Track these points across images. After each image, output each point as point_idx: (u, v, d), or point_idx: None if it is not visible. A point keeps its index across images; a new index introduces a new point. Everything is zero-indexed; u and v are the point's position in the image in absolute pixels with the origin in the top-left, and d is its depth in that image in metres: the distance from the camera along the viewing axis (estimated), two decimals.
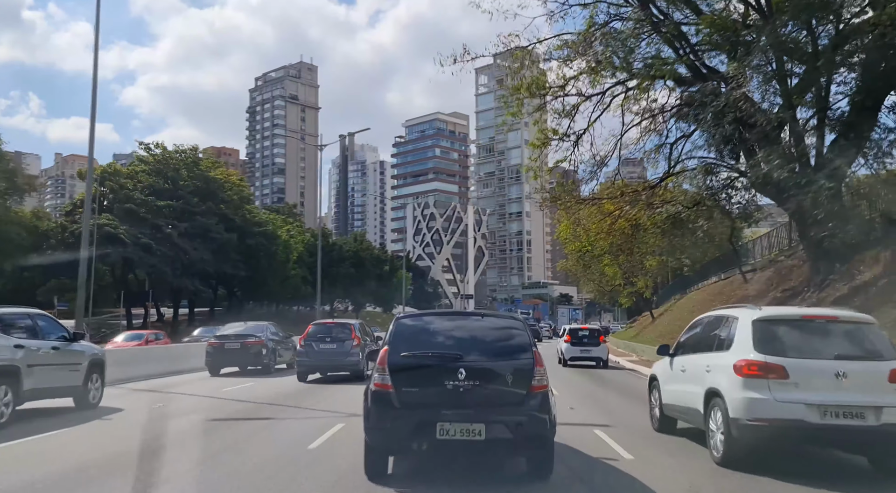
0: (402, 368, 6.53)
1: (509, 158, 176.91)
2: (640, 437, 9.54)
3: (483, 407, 6.38)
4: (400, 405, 6.40)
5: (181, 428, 10.14)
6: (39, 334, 11.12)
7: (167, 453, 8.14)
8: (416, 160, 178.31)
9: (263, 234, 61.46)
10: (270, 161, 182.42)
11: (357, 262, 79.17)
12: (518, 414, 6.39)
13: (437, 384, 6.43)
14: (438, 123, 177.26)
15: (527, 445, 6.57)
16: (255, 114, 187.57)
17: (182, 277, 55.81)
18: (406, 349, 6.67)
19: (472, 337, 6.90)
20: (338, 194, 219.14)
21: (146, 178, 55.89)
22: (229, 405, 13.19)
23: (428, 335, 7.00)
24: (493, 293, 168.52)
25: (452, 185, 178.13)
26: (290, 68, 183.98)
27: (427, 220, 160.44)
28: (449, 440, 6.25)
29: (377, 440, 6.61)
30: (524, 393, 6.46)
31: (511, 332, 7.07)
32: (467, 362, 6.48)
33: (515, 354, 6.76)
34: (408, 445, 6.50)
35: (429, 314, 7.80)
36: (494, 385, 6.55)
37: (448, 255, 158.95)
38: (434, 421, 6.27)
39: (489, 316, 7.62)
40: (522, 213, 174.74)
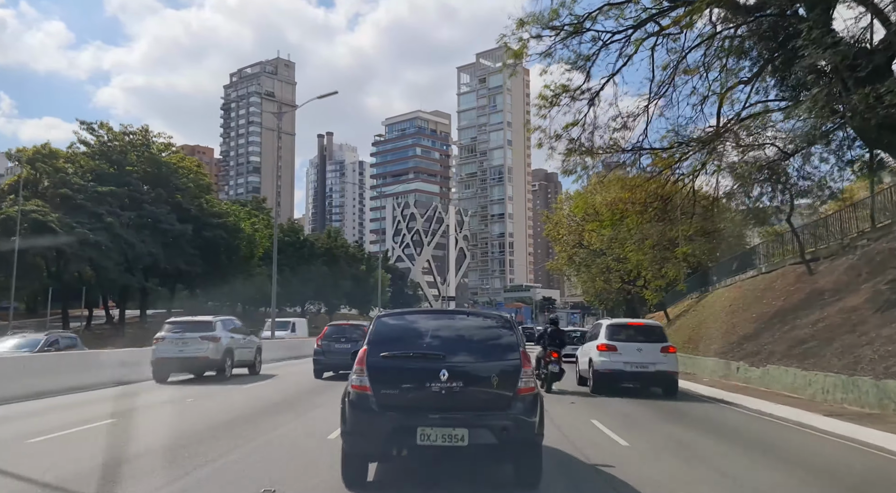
0: (381, 368, 6.16)
1: (491, 159, 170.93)
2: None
3: (466, 411, 6.00)
4: (378, 409, 6.03)
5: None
6: (237, 330, 19.99)
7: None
8: (397, 160, 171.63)
9: (224, 226, 54.48)
10: (246, 160, 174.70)
11: (330, 260, 72.34)
12: (503, 418, 5.99)
13: (419, 386, 6.04)
14: (419, 122, 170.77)
15: (513, 451, 6.21)
16: (229, 111, 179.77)
17: (127, 273, 48.70)
18: (386, 349, 6.28)
19: (456, 337, 6.47)
20: (315, 195, 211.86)
21: (87, 161, 48.77)
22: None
23: (410, 334, 6.53)
24: (475, 296, 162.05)
25: (434, 185, 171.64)
26: (267, 64, 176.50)
27: (407, 220, 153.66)
28: (430, 445, 5.85)
29: (354, 446, 6.25)
30: (510, 396, 6.07)
31: (497, 331, 6.62)
32: (450, 363, 6.08)
33: (502, 354, 6.34)
34: (387, 451, 6.14)
35: (411, 312, 7.22)
36: (479, 387, 6.14)
37: (429, 256, 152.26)
38: (414, 426, 5.88)
39: (475, 315, 7.42)
40: (505, 214, 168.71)
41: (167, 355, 17.58)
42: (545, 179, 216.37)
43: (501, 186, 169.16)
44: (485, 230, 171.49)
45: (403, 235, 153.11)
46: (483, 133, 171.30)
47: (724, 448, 9.32)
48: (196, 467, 7.15)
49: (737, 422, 12.11)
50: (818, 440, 10.14)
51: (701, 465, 8.01)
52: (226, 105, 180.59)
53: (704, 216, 27.07)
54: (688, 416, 12.72)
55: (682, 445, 9.46)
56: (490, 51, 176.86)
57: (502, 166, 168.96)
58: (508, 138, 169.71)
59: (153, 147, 52.26)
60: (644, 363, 15.66)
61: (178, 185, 51.77)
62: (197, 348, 17.73)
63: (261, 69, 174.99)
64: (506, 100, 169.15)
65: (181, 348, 17.68)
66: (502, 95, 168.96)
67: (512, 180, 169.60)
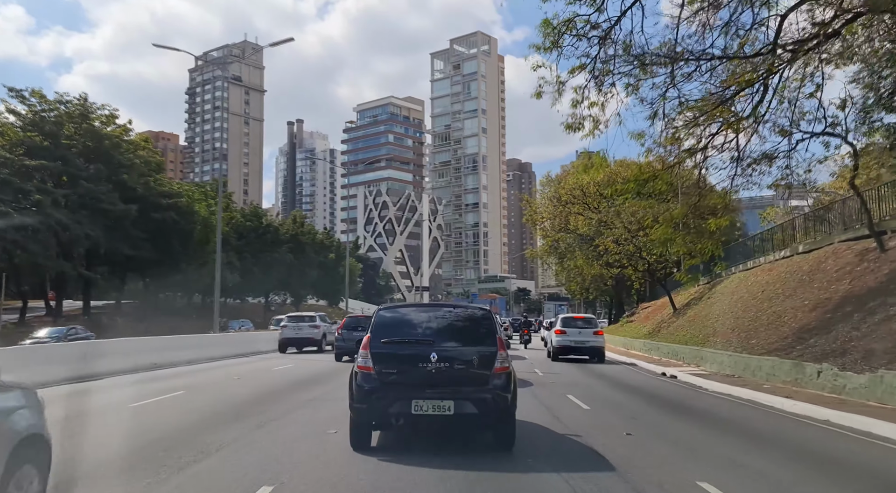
0: (382, 352, 7.36)
1: (465, 147, 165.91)
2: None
3: (452, 386, 7.15)
4: (380, 385, 7.23)
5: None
6: (325, 320, 30.29)
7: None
8: (368, 147, 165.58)
9: (175, 208, 48.61)
10: (212, 146, 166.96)
11: (296, 247, 66.63)
12: (483, 392, 7.17)
13: (413, 367, 7.21)
14: (392, 108, 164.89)
15: (490, 419, 7.34)
16: (194, 96, 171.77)
17: (62, 258, 42.76)
18: (386, 336, 7.49)
19: (443, 326, 7.75)
20: (285, 184, 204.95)
21: (16, 133, 42.61)
22: None
23: (405, 324, 7.76)
24: (449, 287, 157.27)
25: (406, 173, 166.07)
26: (234, 47, 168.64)
27: (379, 208, 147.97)
28: (422, 414, 7.03)
29: (361, 415, 7.37)
30: (488, 374, 7.24)
31: (479, 321, 7.81)
32: (439, 348, 7.26)
33: (481, 340, 7.52)
34: (387, 419, 7.31)
35: (406, 306, 8.51)
36: (462, 367, 7.28)
37: (401, 246, 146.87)
38: (410, 398, 7.05)
39: (460, 307, 8.51)
40: (479, 204, 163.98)
41: (288, 335, 27.78)
42: (519, 169, 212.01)
43: (476, 174, 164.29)
44: (459, 220, 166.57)
45: (375, 223, 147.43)
46: (457, 121, 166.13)
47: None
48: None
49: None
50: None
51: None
52: (191, 89, 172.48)
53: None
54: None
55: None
56: (464, 37, 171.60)
57: (476, 155, 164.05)
58: (483, 126, 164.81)
59: (94, 119, 46.17)
60: (582, 341, 24.53)
61: (122, 161, 45.79)
62: (307, 332, 27.88)
63: (227, 53, 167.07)
64: (480, 87, 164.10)
65: (297, 332, 27.77)
66: (477, 81, 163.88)
67: (486, 169, 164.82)
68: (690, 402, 13.13)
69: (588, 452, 7.62)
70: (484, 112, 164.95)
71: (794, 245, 23.64)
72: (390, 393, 7.13)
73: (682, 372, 18.65)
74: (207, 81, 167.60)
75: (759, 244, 28.17)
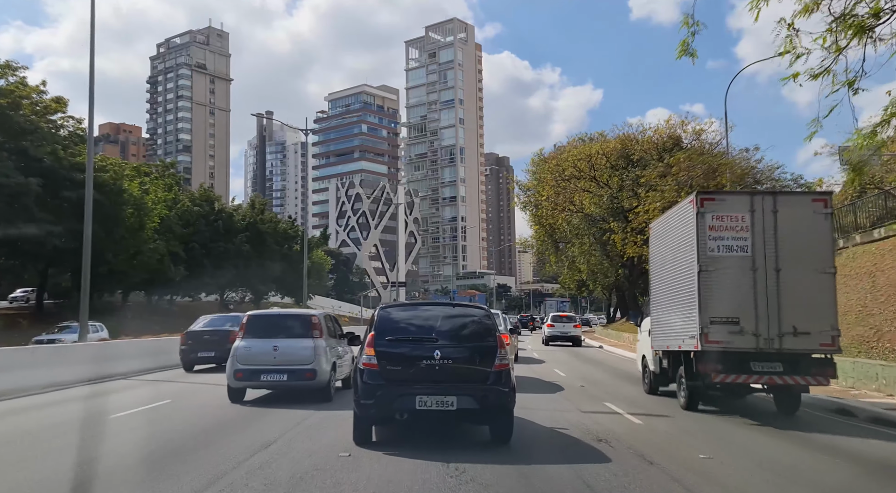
0: (386, 350, 7.47)
1: (442, 139, 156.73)
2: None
3: (455, 382, 7.35)
4: (385, 381, 7.35)
5: None
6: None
7: None
8: (341, 137, 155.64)
9: (95, 185, 38.69)
10: (175, 137, 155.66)
11: (255, 237, 56.88)
12: (484, 388, 7.37)
13: (416, 363, 7.38)
14: (365, 97, 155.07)
15: (490, 414, 7.54)
16: (156, 85, 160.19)
17: None
18: (390, 334, 7.60)
19: (445, 323, 7.77)
20: (255, 178, 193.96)
21: None
22: None
23: (408, 322, 7.87)
24: (426, 284, 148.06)
25: (381, 165, 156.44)
26: (198, 34, 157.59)
27: (352, 201, 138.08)
28: (426, 410, 7.22)
29: (366, 411, 7.49)
30: (489, 370, 7.42)
31: (478, 319, 7.95)
32: (441, 345, 7.43)
33: (482, 338, 7.67)
34: (391, 414, 7.47)
35: (408, 304, 8.85)
36: (464, 364, 7.45)
37: (376, 240, 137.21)
38: (414, 394, 7.24)
39: (460, 306, 8.54)
40: (457, 197, 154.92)
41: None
42: (497, 164, 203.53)
43: (453, 167, 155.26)
44: (436, 215, 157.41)
45: (348, 217, 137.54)
46: (433, 111, 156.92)
47: None
48: None
49: None
50: None
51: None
52: (152, 78, 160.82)
53: None
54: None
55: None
56: (440, 24, 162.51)
57: (454, 147, 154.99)
58: (460, 117, 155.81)
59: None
60: (565, 331, 35.27)
61: (20, 125, 35.95)
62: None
63: (191, 39, 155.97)
64: (457, 76, 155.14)
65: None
66: (453, 70, 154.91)
67: (464, 162, 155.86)
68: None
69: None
70: (461, 102, 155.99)
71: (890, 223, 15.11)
72: (395, 389, 7.28)
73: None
74: (170, 69, 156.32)
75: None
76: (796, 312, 9.90)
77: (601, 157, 40.38)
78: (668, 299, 11.87)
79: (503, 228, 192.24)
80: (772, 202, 10.22)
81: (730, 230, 10.15)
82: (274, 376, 11.24)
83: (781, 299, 9.89)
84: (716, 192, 12.89)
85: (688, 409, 10.88)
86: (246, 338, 11.54)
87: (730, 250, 10.12)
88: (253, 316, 12.15)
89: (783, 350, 9.87)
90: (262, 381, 11.40)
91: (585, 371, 18.81)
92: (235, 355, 11.38)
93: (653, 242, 13.62)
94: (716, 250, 10.12)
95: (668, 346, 11.75)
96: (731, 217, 10.21)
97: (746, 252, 10.07)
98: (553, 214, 43.99)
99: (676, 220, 11.46)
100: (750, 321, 9.92)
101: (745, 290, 9.95)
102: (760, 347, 9.88)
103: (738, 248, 10.11)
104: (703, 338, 9.98)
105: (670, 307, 11.64)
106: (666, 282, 12.03)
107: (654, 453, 7.47)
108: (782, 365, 9.96)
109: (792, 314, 9.88)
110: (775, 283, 9.94)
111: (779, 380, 10.00)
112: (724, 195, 11.31)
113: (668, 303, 11.87)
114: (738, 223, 10.15)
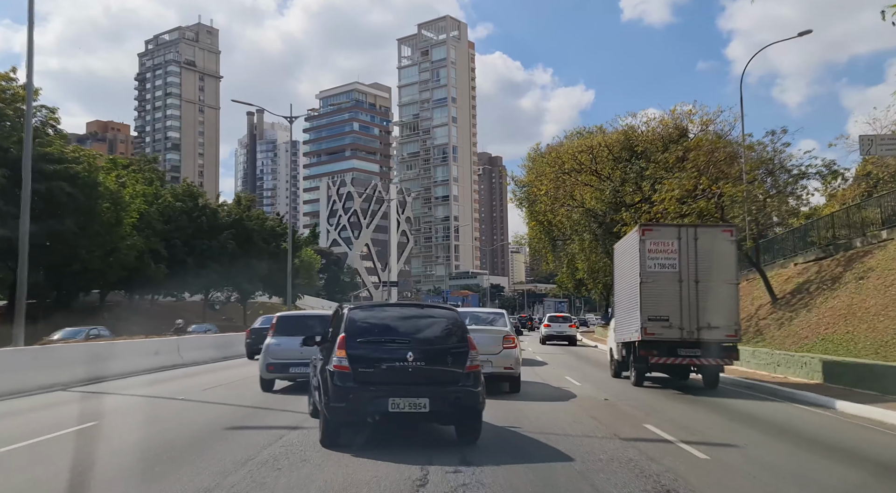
0: (357, 352, 7.24)
1: (435, 137, 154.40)
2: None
3: (427, 384, 7.20)
4: (357, 384, 7.11)
5: None
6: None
7: None
8: (332, 136, 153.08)
9: (67, 176, 36.40)
10: (163, 135, 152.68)
11: (241, 234, 54.44)
12: (456, 390, 7.29)
13: (389, 365, 7.18)
14: (357, 95, 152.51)
15: (461, 415, 7.47)
16: (144, 82, 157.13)
17: None
18: (361, 336, 7.37)
19: (417, 325, 7.66)
20: (245, 177, 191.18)
21: None
22: None
23: (379, 324, 7.64)
24: (418, 284, 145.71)
25: (373, 164, 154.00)
26: (187, 30, 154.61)
27: (343, 200, 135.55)
28: (399, 412, 7.04)
29: (337, 414, 7.22)
30: (461, 372, 7.36)
31: (450, 321, 7.82)
32: (414, 347, 7.26)
33: (454, 339, 7.58)
34: (363, 417, 7.21)
35: (377, 305, 8.49)
36: (436, 366, 7.34)
37: (368, 240, 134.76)
38: (387, 396, 7.04)
39: (430, 307, 8.50)
40: (450, 196, 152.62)
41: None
42: (489, 163, 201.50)
43: (446, 166, 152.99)
44: (428, 214, 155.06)
45: (340, 216, 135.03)
46: (426, 110, 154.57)
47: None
48: None
49: None
50: None
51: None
52: (140, 75, 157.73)
53: None
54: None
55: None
56: (432, 21, 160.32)
57: (447, 145, 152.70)
58: (453, 115, 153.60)
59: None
60: (561, 331, 36.08)
61: None
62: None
63: (180, 35, 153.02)
64: (450, 74, 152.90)
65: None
66: (446, 68, 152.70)
67: (457, 160, 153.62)
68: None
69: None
70: (454, 101, 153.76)
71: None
72: (368, 392, 7.12)
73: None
74: (158, 66, 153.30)
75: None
76: (709, 312, 13.31)
77: (603, 148, 38.27)
78: (623, 302, 15.45)
79: (496, 228, 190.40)
80: (693, 232, 13.73)
81: (662, 253, 13.59)
82: (300, 369, 12.08)
83: (699, 302, 13.37)
84: (653, 224, 16.52)
85: (636, 385, 14.23)
86: (276, 336, 13.08)
87: (663, 267, 13.60)
88: (281, 317, 14.17)
89: (700, 340, 13.36)
90: (290, 373, 12.78)
91: (591, 374, 17.43)
92: (267, 350, 12.86)
93: (615, 260, 17.30)
94: (652, 267, 13.58)
95: (624, 339, 15.04)
96: (664, 243, 13.68)
97: (675, 269, 13.53)
98: (552, 209, 41.80)
99: (628, 244, 15.15)
100: (676, 319, 13.42)
101: (673, 296, 13.42)
102: (684, 337, 13.38)
103: (669, 265, 13.57)
104: (643, 331, 13.45)
105: (625, 309, 15.13)
106: (623, 290, 15.75)
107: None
108: (700, 350, 13.39)
109: (706, 314, 13.34)
110: (695, 291, 13.44)
111: (697, 361, 13.56)
112: (659, 227, 14.80)
113: (623, 306, 15.40)
114: (669, 247, 13.60)
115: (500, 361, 12.05)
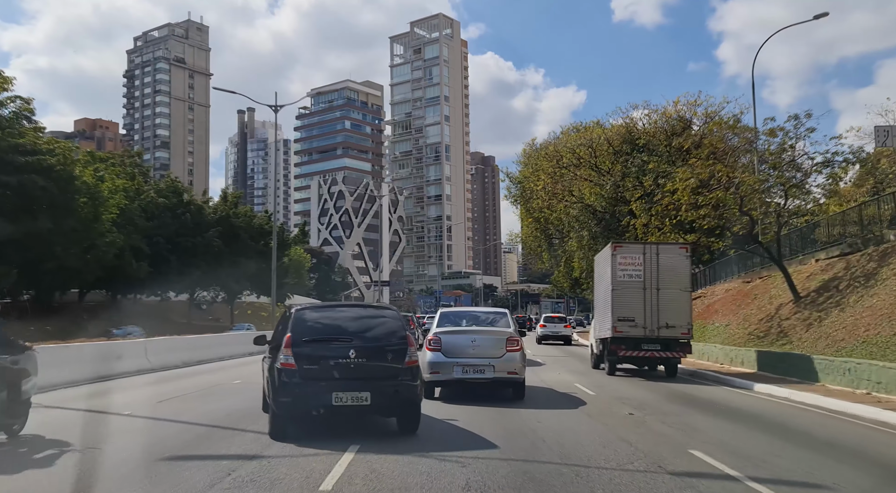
0: (303, 350, 7.61)
1: (427, 136, 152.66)
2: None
3: (368, 379, 7.64)
4: (302, 380, 7.50)
5: None
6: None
7: None
8: (324, 134, 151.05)
9: (39, 169, 34.38)
10: (152, 133, 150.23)
11: (227, 232, 52.51)
12: (395, 384, 7.75)
13: (333, 362, 7.60)
14: (349, 93, 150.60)
15: (402, 407, 7.98)
16: (133, 79, 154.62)
17: None
18: (307, 335, 7.76)
19: (358, 324, 8.15)
20: (236, 176, 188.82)
21: None
22: None
23: (323, 323, 8.11)
24: (410, 284, 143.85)
25: (365, 163, 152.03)
26: (176, 27, 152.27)
27: (335, 198, 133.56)
28: (342, 405, 7.49)
29: (284, 408, 7.61)
30: (400, 367, 7.84)
31: (389, 320, 8.30)
32: (356, 344, 7.71)
33: (393, 336, 8.01)
34: (309, 410, 7.67)
35: (322, 306, 9.45)
36: (377, 362, 7.79)
37: (359, 239, 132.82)
38: (331, 391, 7.47)
39: (371, 307, 9.26)
40: (443, 196, 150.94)
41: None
42: (482, 163, 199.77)
43: (438, 165, 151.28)
44: (421, 213, 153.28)
45: (331, 215, 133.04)
46: (418, 108, 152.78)
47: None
48: None
49: None
50: None
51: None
52: (129, 72, 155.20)
53: None
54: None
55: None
56: (425, 19, 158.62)
57: (439, 144, 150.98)
58: (446, 114, 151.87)
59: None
60: (557, 331, 36.39)
61: None
62: None
63: (169, 32, 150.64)
64: (442, 72, 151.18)
65: None
66: (439, 66, 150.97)
67: (450, 159, 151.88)
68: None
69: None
70: (447, 99, 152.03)
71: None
72: (312, 387, 7.49)
73: None
74: (147, 63, 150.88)
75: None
76: (668, 314, 15.93)
77: (603, 142, 36.69)
78: (600, 306, 18.10)
79: (489, 228, 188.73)
80: (656, 249, 16.39)
81: (630, 265, 16.19)
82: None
83: (659, 306, 15.95)
84: (623, 242, 20.12)
85: (609, 374, 16.53)
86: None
87: (630, 277, 16.17)
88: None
89: (660, 337, 15.91)
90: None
91: (594, 376, 16.54)
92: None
93: (595, 269, 19.82)
94: (622, 277, 16.21)
95: (600, 336, 17.57)
96: (632, 257, 16.29)
97: (640, 279, 16.11)
98: (549, 205, 40.19)
99: (603, 258, 17.91)
100: (640, 319, 15.96)
101: (638, 301, 16.00)
102: (647, 335, 15.91)
103: (635, 276, 16.15)
104: (613, 329, 16.07)
105: (601, 311, 17.87)
106: (599, 295, 18.46)
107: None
108: (660, 345, 15.98)
109: (665, 315, 15.94)
110: (656, 297, 16.00)
111: (657, 354, 16.11)
112: (628, 245, 18.21)
113: (600, 308, 18.12)
114: (636, 261, 16.18)
115: (502, 365, 11.07)
